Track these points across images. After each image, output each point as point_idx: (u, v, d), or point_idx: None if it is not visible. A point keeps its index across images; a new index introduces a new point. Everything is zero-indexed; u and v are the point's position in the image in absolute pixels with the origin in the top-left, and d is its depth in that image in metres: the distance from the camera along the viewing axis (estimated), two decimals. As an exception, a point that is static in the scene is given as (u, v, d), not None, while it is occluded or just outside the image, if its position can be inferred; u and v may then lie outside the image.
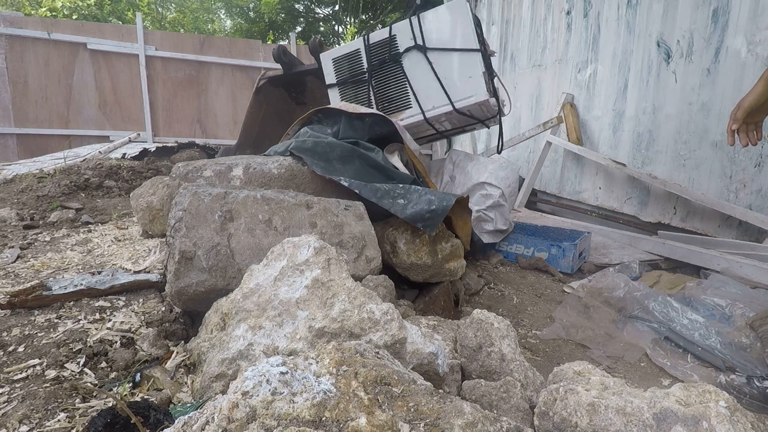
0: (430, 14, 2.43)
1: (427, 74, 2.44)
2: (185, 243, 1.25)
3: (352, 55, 2.60)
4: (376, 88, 2.56)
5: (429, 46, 2.41)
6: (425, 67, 2.44)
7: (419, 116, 2.48)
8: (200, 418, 0.69)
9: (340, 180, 1.72)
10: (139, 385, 1.02)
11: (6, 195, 2.55)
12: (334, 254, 1.11)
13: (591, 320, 1.94)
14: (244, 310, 1.05)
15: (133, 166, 3.14)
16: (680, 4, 2.95)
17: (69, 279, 1.35)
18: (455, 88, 2.42)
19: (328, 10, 11.47)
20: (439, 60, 2.42)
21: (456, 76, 2.41)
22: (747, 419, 0.81)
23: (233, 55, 6.16)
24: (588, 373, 1.02)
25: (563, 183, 4.04)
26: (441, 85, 2.43)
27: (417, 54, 2.45)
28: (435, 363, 1.01)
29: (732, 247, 2.53)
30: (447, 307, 1.70)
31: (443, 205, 1.55)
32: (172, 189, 1.79)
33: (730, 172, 2.69)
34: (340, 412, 0.68)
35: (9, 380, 0.98)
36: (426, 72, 2.44)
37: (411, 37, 2.44)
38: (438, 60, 2.42)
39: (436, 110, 2.45)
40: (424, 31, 2.42)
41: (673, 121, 3.03)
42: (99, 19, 10.17)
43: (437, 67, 2.43)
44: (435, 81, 2.43)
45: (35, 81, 5.25)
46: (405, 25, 2.45)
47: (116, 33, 5.63)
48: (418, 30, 2.42)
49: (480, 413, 0.74)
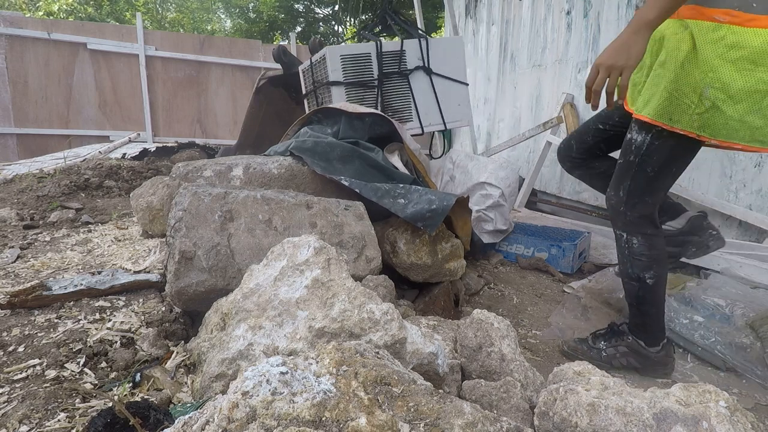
0: (434, 42, 2.73)
1: (428, 94, 2.77)
2: (185, 243, 1.25)
3: (363, 58, 2.64)
4: (384, 95, 2.70)
5: (433, 70, 2.72)
6: (428, 87, 2.75)
7: (417, 130, 2.77)
8: (200, 418, 0.69)
9: (341, 179, 1.72)
10: (139, 385, 1.02)
11: (6, 195, 2.55)
12: (334, 254, 1.11)
13: (589, 321, 1.94)
14: (244, 310, 1.05)
15: (133, 166, 3.14)
16: (680, 4, 2.95)
17: (69, 279, 1.35)
18: (449, 112, 2.80)
19: (328, 10, 11.47)
20: (438, 84, 2.76)
21: (450, 101, 2.78)
22: (747, 419, 0.81)
23: (233, 55, 6.16)
24: (588, 373, 1.02)
25: (563, 183, 4.03)
26: (438, 106, 2.77)
27: (422, 74, 2.75)
28: (435, 363, 1.01)
29: (732, 247, 2.52)
30: (447, 307, 1.70)
31: (444, 205, 1.55)
32: (172, 189, 1.79)
33: (730, 172, 2.69)
34: (340, 412, 0.68)
35: (9, 380, 0.98)
36: (428, 92, 2.76)
37: (419, 57, 2.71)
38: (437, 84, 2.76)
39: (431, 127, 2.80)
40: (431, 56, 2.71)
41: (673, 121, 3.03)
42: (97, 21, 10.17)
43: (437, 91, 2.75)
44: (434, 102, 2.75)
45: (35, 81, 5.25)
46: (414, 44, 2.71)
47: (116, 33, 5.63)
48: (425, 53, 2.71)
49: (480, 413, 0.74)
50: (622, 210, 1.46)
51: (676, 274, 2.46)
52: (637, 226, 1.44)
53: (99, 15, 10.89)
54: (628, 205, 1.43)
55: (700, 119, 1.20)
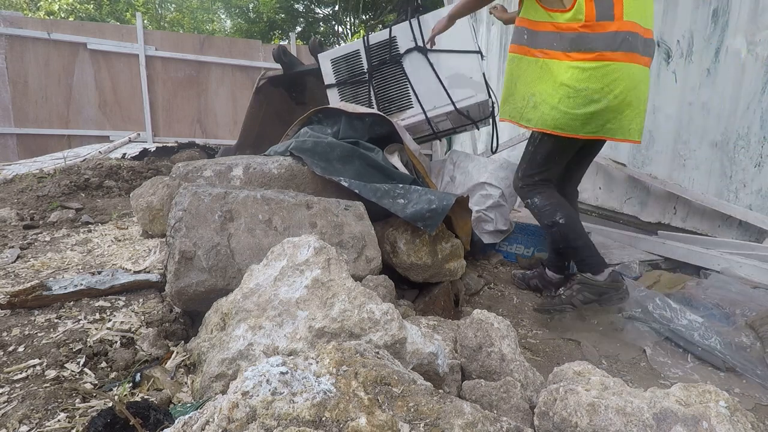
0: (430, 17, 2.47)
1: (428, 75, 2.50)
2: (185, 243, 1.25)
3: (351, 56, 2.61)
4: (376, 88, 2.59)
5: (428, 48, 2.47)
6: (426, 67, 2.50)
7: (420, 116, 2.54)
8: (200, 418, 0.69)
9: (340, 180, 1.72)
10: (139, 385, 1.02)
11: (6, 195, 2.55)
12: (334, 254, 1.11)
13: (587, 322, 1.94)
14: (244, 310, 1.05)
15: (133, 166, 3.14)
16: (680, 4, 2.95)
17: (69, 279, 1.35)
18: (457, 88, 2.49)
19: (328, 10, 11.47)
20: (439, 61, 2.48)
21: (458, 76, 2.48)
22: (747, 419, 0.81)
23: (233, 55, 6.16)
24: (588, 373, 1.02)
25: (563, 183, 4.04)
26: (442, 85, 2.49)
27: (417, 55, 2.50)
28: (435, 363, 1.01)
29: (732, 247, 2.53)
30: (447, 307, 1.70)
31: (443, 205, 1.55)
32: (172, 189, 1.79)
33: (730, 172, 2.69)
34: (340, 412, 0.68)
35: (9, 380, 0.98)
36: (427, 73, 2.50)
37: (411, 38, 2.49)
38: (438, 61, 2.48)
39: (437, 110, 2.52)
40: (424, 33, 2.47)
41: (673, 121, 3.03)
42: (97, 20, 10.17)
43: (438, 68, 2.49)
44: (436, 81, 2.48)
45: (35, 81, 5.25)
46: (405, 27, 2.50)
47: (116, 33, 5.63)
48: (418, 32, 2.47)
49: (480, 413, 0.74)
50: (520, 185, 1.92)
51: (676, 274, 2.46)
52: (532, 188, 1.87)
53: (99, 15, 10.89)
54: (524, 179, 1.90)
55: (542, 119, 1.70)
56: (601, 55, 1.54)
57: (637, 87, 1.62)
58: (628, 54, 1.56)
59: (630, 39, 1.56)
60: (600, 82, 1.56)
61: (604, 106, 1.59)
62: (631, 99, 1.62)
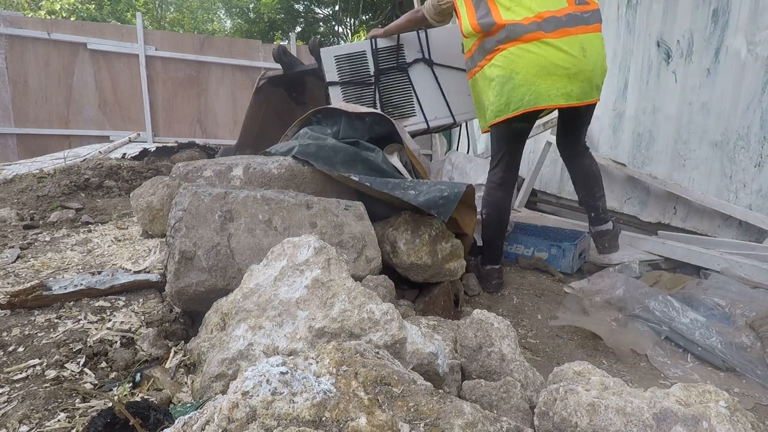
0: (435, 32, 2.61)
1: (432, 87, 2.64)
2: (185, 243, 1.25)
3: (358, 56, 2.61)
4: (382, 92, 2.65)
5: (434, 61, 2.60)
6: (430, 79, 2.64)
7: (422, 125, 2.66)
8: (200, 418, 0.69)
9: (350, 175, 1.73)
10: (139, 385, 1.02)
11: (6, 195, 2.55)
12: (334, 254, 1.11)
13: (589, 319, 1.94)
14: (244, 310, 1.05)
15: (133, 166, 3.14)
16: (680, 4, 2.95)
17: (69, 279, 1.35)
18: (456, 104, 2.64)
19: (328, 10, 11.47)
20: (442, 75, 2.63)
21: (457, 92, 2.63)
22: (747, 419, 0.81)
23: (233, 55, 6.15)
24: (588, 374, 1.02)
25: (563, 183, 4.03)
26: (445, 99, 2.64)
27: (423, 66, 2.64)
28: (435, 363, 1.01)
29: (732, 247, 2.53)
30: (447, 307, 1.70)
31: (455, 192, 1.57)
32: (172, 189, 1.79)
33: (730, 172, 2.69)
34: (340, 412, 0.68)
35: (9, 380, 0.98)
36: (431, 84, 2.64)
37: (418, 49, 2.61)
38: (441, 75, 2.63)
39: (438, 121, 2.66)
40: (431, 46, 2.60)
41: (673, 121, 3.03)
42: (98, 20, 10.17)
43: (442, 82, 2.63)
44: (439, 94, 2.63)
45: (35, 81, 5.25)
46: (413, 36, 2.60)
47: (116, 33, 5.63)
48: (425, 43, 2.60)
49: (480, 413, 0.74)
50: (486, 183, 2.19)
51: (676, 274, 2.46)
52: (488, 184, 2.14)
53: (100, 15, 10.89)
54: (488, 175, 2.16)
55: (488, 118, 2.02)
56: (496, 50, 1.90)
57: (549, 58, 1.85)
58: (519, 39, 1.85)
59: (515, 29, 1.86)
60: (502, 70, 1.89)
61: (513, 84, 1.89)
62: (548, 70, 1.85)
